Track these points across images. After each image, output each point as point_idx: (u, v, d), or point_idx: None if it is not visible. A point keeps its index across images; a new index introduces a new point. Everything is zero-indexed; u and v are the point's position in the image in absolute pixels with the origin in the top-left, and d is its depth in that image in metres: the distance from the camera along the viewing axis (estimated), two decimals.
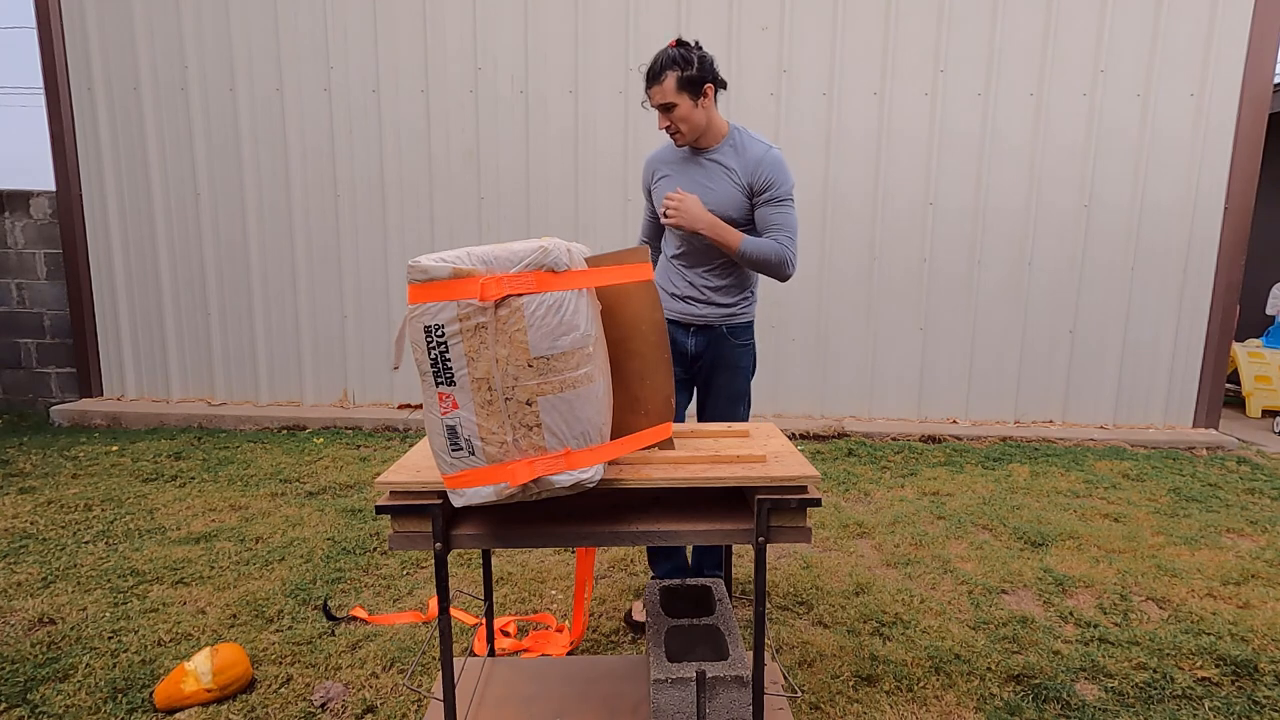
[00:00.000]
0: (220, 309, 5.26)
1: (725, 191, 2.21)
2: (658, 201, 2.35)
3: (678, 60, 2.13)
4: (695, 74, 2.14)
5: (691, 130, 2.20)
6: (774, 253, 2.19)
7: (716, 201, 2.21)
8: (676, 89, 2.14)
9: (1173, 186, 4.93)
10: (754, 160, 2.19)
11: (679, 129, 2.20)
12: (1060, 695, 2.06)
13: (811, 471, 1.44)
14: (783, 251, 2.19)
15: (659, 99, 2.18)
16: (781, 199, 2.20)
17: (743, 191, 2.21)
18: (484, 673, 1.91)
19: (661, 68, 2.15)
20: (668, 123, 2.20)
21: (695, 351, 2.36)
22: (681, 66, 2.13)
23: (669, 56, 2.14)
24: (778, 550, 3.05)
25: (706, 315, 2.34)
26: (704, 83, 2.15)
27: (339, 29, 4.97)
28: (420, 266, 1.24)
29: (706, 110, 2.20)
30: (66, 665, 2.16)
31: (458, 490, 1.32)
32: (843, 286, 5.10)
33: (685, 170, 2.29)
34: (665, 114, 2.19)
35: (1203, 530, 3.32)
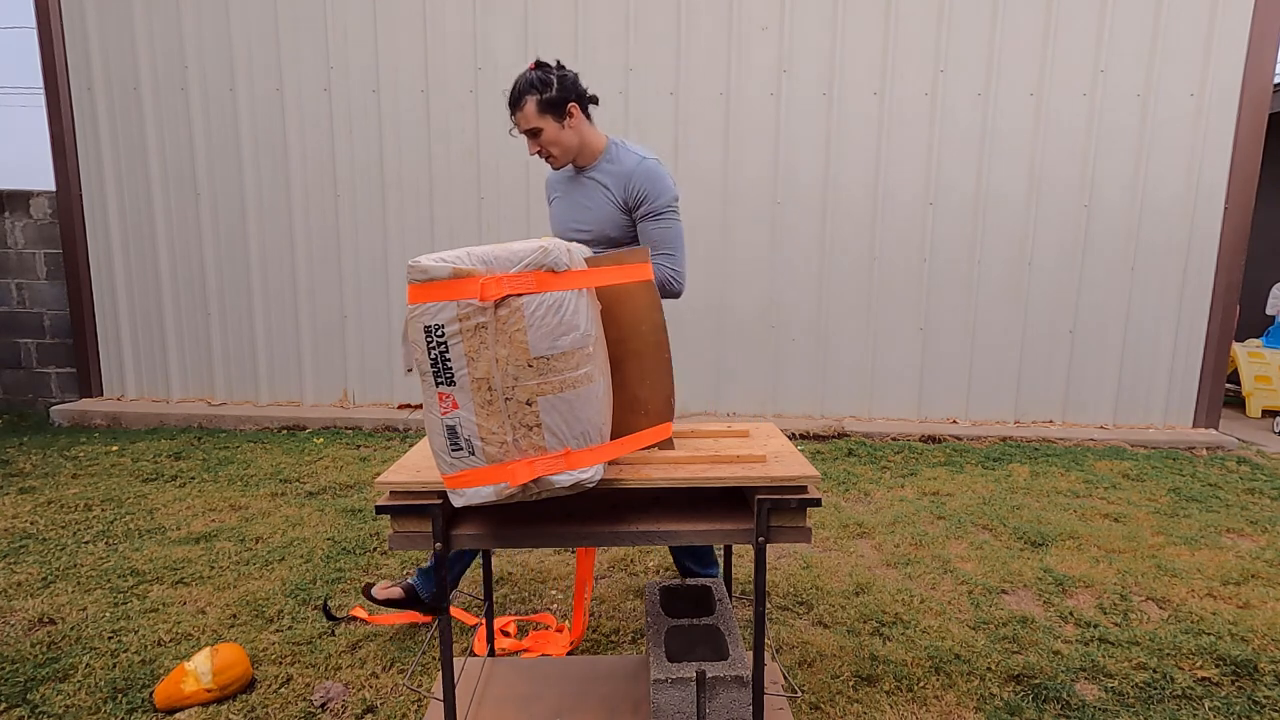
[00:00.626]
0: (220, 309, 5.26)
1: (603, 210, 2.15)
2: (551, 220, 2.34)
3: (535, 84, 2.08)
4: (555, 95, 2.08)
5: (564, 152, 2.15)
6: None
7: (595, 220, 2.16)
8: (538, 113, 2.09)
9: (1173, 186, 4.93)
10: (626, 174, 2.12)
11: (549, 152, 2.15)
12: (1060, 695, 2.06)
13: (811, 471, 1.44)
14: (660, 274, 2.10)
15: (523, 125, 2.12)
16: (658, 213, 2.11)
17: (619, 208, 2.13)
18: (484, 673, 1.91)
19: (520, 93, 2.09)
20: (535, 149, 2.15)
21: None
22: (540, 89, 2.08)
23: (527, 80, 2.08)
24: (778, 550, 3.05)
25: None
26: (566, 103, 2.09)
27: (339, 29, 4.97)
28: (420, 266, 1.24)
29: (576, 130, 2.14)
30: (66, 665, 2.16)
31: (458, 490, 1.32)
32: (843, 286, 5.10)
33: (570, 191, 2.25)
34: (533, 140, 2.14)
35: (1203, 530, 3.32)
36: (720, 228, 5.06)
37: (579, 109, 2.13)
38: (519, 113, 2.11)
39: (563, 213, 2.26)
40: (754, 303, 5.12)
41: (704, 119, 4.97)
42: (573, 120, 2.12)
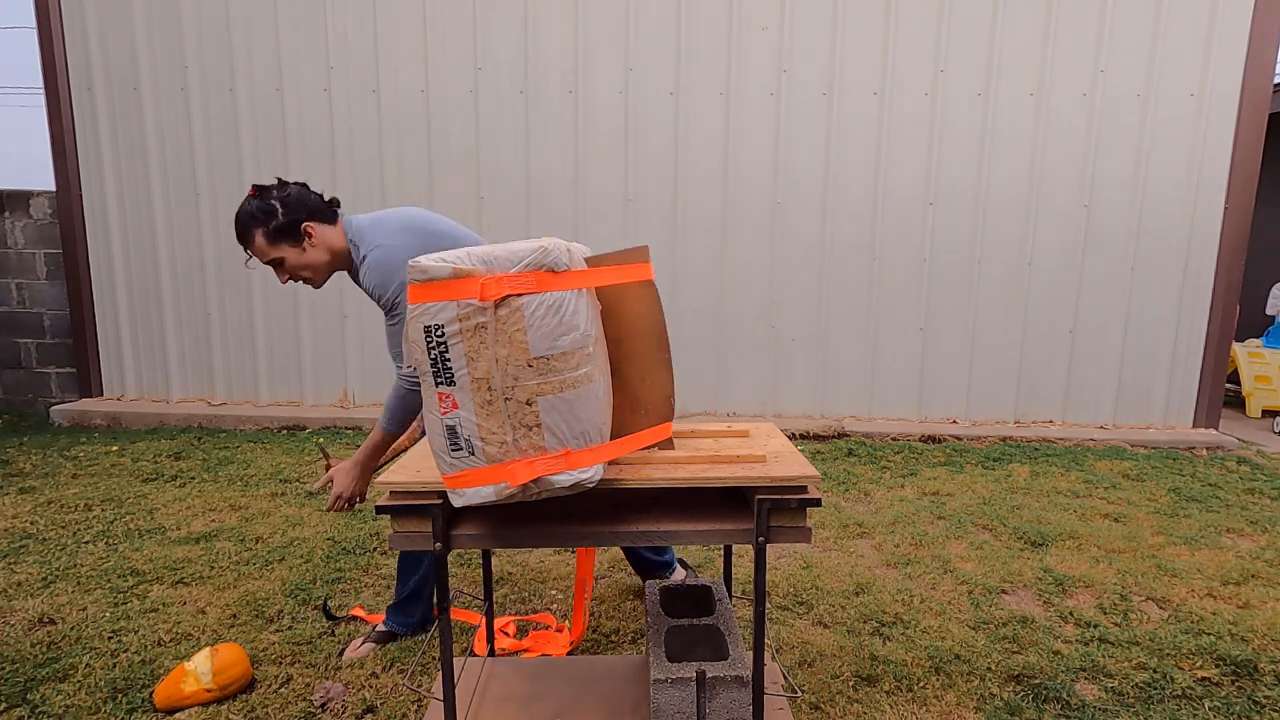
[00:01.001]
0: (220, 309, 5.26)
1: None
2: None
3: (258, 214, 1.93)
4: (284, 221, 1.93)
5: (317, 272, 2.00)
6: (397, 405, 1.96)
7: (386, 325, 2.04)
8: (270, 244, 1.94)
9: (1173, 186, 4.93)
10: (361, 273, 1.97)
11: (302, 277, 2.00)
12: (1060, 695, 2.05)
13: (811, 471, 1.44)
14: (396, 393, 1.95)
15: (261, 258, 1.98)
16: (387, 310, 1.96)
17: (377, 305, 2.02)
18: (484, 673, 1.91)
19: (244, 228, 1.94)
20: (284, 278, 2.01)
21: None
22: (264, 219, 1.93)
23: (247, 213, 1.93)
24: (778, 550, 3.05)
25: None
26: (298, 224, 1.94)
27: (339, 29, 4.96)
28: (420, 266, 1.24)
29: (321, 246, 1.98)
30: (66, 665, 2.16)
31: (458, 490, 1.32)
32: (843, 286, 5.10)
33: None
34: (279, 270, 1.99)
35: (1203, 530, 3.32)
36: (720, 228, 5.06)
37: (316, 225, 1.97)
38: (250, 247, 1.97)
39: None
40: (754, 303, 5.12)
41: (704, 119, 4.97)
42: (313, 239, 1.97)
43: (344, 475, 2.05)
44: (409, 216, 2.07)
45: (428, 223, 2.07)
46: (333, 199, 2.05)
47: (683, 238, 5.08)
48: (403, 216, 2.07)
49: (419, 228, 2.04)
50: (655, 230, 5.06)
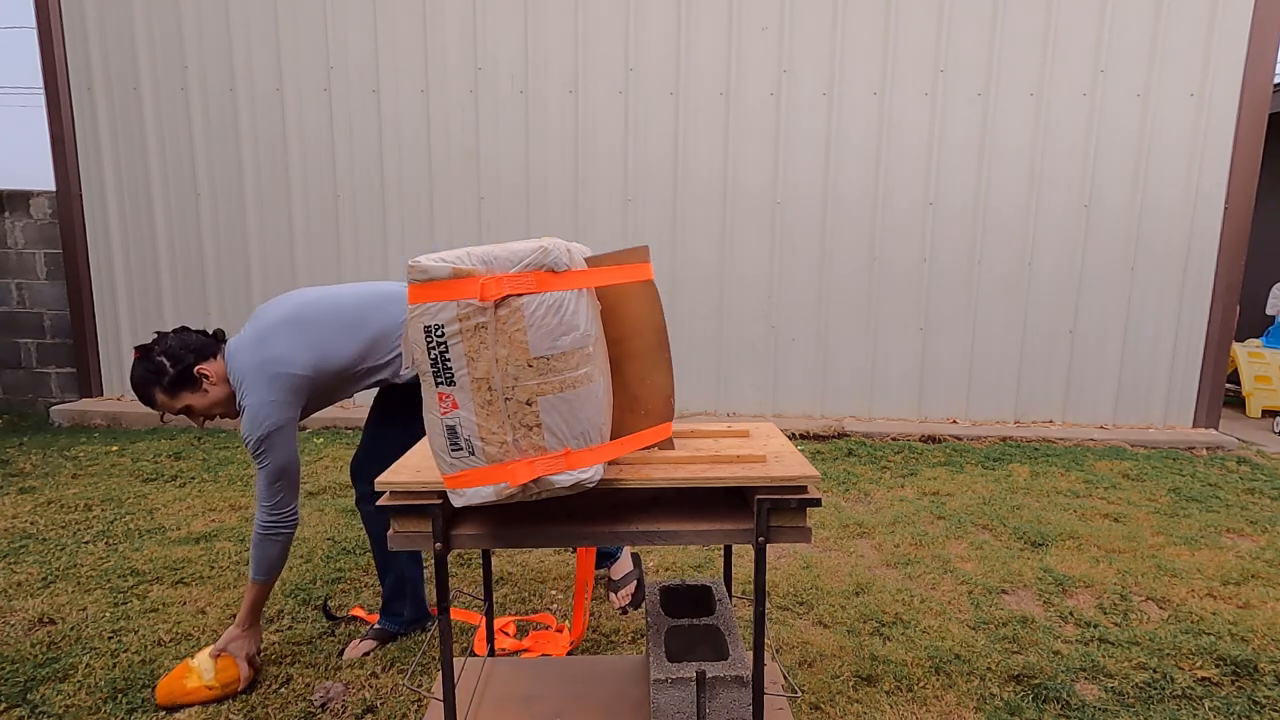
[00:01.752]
0: (220, 309, 5.26)
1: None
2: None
3: (149, 375, 1.96)
4: (174, 374, 1.97)
5: (226, 408, 2.03)
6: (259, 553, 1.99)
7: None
8: (172, 398, 1.99)
9: (1173, 186, 4.93)
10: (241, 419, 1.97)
11: (214, 416, 2.04)
12: (1060, 695, 2.05)
13: (811, 471, 1.44)
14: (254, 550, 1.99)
15: (170, 412, 2.03)
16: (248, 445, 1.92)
17: None
18: (484, 673, 1.91)
19: (143, 391, 1.98)
20: (198, 421, 2.06)
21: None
22: (156, 377, 1.96)
23: (140, 376, 1.97)
24: (778, 550, 3.05)
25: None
26: (190, 370, 1.97)
27: (339, 29, 4.97)
28: (420, 266, 1.24)
29: (220, 380, 2.00)
30: (66, 665, 2.16)
31: (458, 490, 1.32)
32: (843, 286, 5.10)
33: None
34: (191, 417, 2.05)
35: (1203, 530, 3.32)
36: (720, 228, 5.06)
37: (208, 365, 1.99)
38: (155, 406, 2.00)
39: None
40: (754, 303, 5.12)
41: (704, 119, 4.97)
42: (210, 379, 2.00)
43: (241, 641, 2.05)
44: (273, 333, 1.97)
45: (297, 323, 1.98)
46: (216, 331, 2.09)
47: (683, 238, 5.08)
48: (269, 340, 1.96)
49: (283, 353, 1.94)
50: (655, 230, 5.06)
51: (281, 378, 1.91)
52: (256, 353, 1.94)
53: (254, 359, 1.93)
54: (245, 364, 1.94)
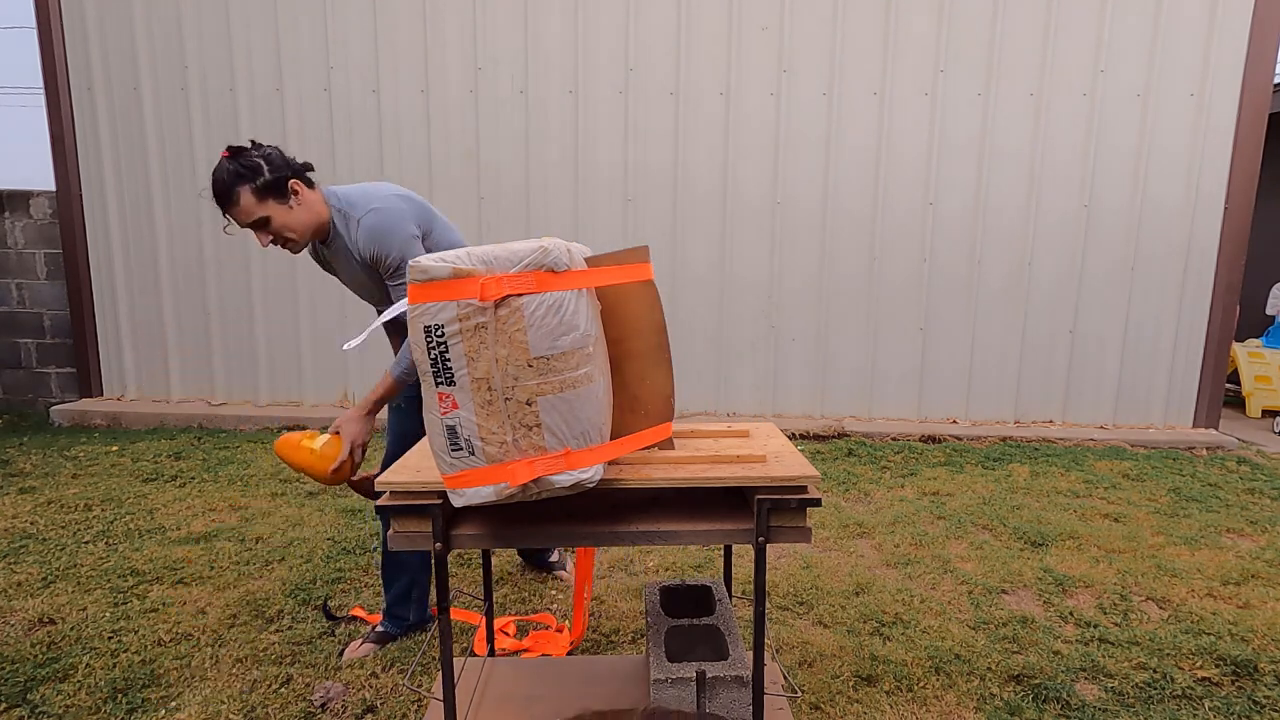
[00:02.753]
0: (220, 309, 5.26)
1: (358, 274, 2.07)
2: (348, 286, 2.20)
3: (243, 171, 1.88)
4: (270, 178, 1.90)
5: (302, 233, 1.98)
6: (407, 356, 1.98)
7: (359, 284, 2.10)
8: (258, 201, 1.90)
9: (1173, 186, 4.93)
10: (357, 239, 1.99)
11: (286, 239, 1.97)
12: (1060, 695, 2.05)
13: (811, 471, 1.44)
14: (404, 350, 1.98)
15: (245, 219, 1.92)
16: (390, 270, 1.98)
17: (366, 269, 2.04)
18: (484, 673, 1.91)
19: (228, 186, 1.89)
20: (266, 242, 1.96)
21: None
22: (250, 176, 1.89)
23: (231, 171, 1.89)
24: (778, 550, 3.05)
25: None
26: (286, 181, 1.93)
27: (339, 29, 4.96)
28: (420, 266, 1.24)
29: (307, 206, 1.97)
30: (66, 665, 2.16)
31: (458, 490, 1.32)
32: (843, 286, 5.10)
33: (334, 257, 2.11)
34: (261, 231, 1.95)
35: (1203, 530, 3.32)
36: (720, 228, 5.06)
37: (302, 184, 1.96)
38: (234, 207, 1.91)
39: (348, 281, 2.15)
40: (754, 303, 5.12)
41: (704, 119, 4.97)
42: (299, 198, 1.96)
43: (353, 424, 2.03)
44: (398, 188, 2.10)
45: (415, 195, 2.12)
46: (306, 163, 2.02)
47: (683, 238, 5.08)
48: (392, 186, 2.10)
49: (410, 197, 2.08)
50: (655, 230, 5.06)
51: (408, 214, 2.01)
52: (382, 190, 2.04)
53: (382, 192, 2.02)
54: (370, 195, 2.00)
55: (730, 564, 2.04)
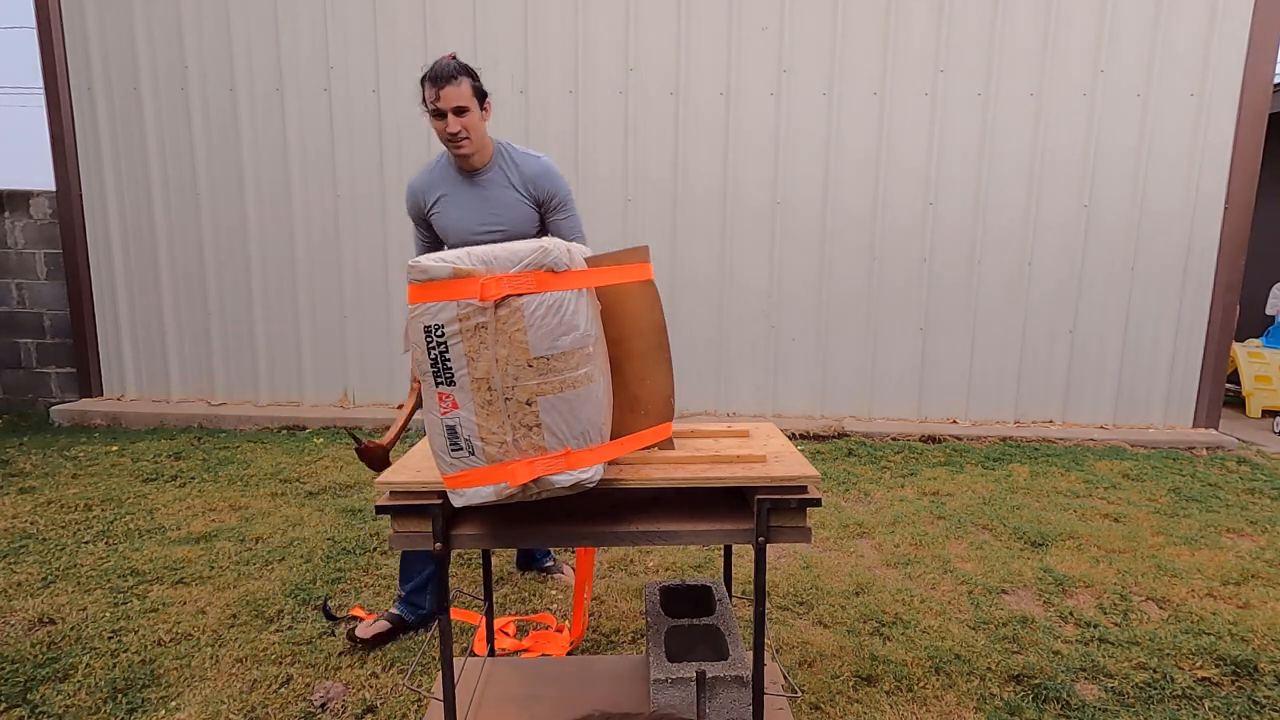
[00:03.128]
0: (220, 309, 5.26)
1: (516, 209, 2.24)
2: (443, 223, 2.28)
3: (468, 68, 2.12)
4: (481, 85, 2.14)
5: (476, 140, 2.16)
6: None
7: (509, 220, 2.23)
8: (471, 94, 2.10)
9: (1173, 186, 4.93)
10: (532, 175, 2.23)
11: (467, 136, 2.13)
12: (1060, 695, 2.06)
13: (811, 471, 1.44)
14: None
15: (454, 100, 2.08)
16: (565, 203, 2.29)
17: (531, 206, 2.25)
18: (484, 673, 1.91)
19: (459, 70, 2.09)
20: (457, 127, 2.10)
21: None
22: (472, 75, 2.12)
23: (458, 64, 2.10)
24: (778, 550, 3.05)
25: None
26: (486, 96, 2.17)
27: (339, 29, 4.96)
28: (420, 266, 1.24)
29: (486, 126, 2.20)
30: (66, 665, 2.16)
31: (458, 490, 1.32)
32: (843, 286, 5.10)
33: (465, 193, 2.25)
34: (458, 117, 2.10)
35: (1203, 530, 3.32)
36: (720, 228, 5.06)
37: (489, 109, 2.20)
38: (452, 87, 2.07)
39: (463, 214, 2.24)
40: (754, 303, 5.12)
41: (704, 119, 4.97)
42: (487, 115, 2.18)
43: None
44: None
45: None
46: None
47: (683, 238, 5.08)
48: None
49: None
50: (655, 230, 5.06)
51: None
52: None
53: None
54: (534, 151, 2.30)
55: (730, 564, 2.04)
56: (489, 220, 2.23)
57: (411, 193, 2.33)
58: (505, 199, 2.23)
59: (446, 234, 2.30)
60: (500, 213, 2.23)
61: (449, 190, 2.26)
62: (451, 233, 2.28)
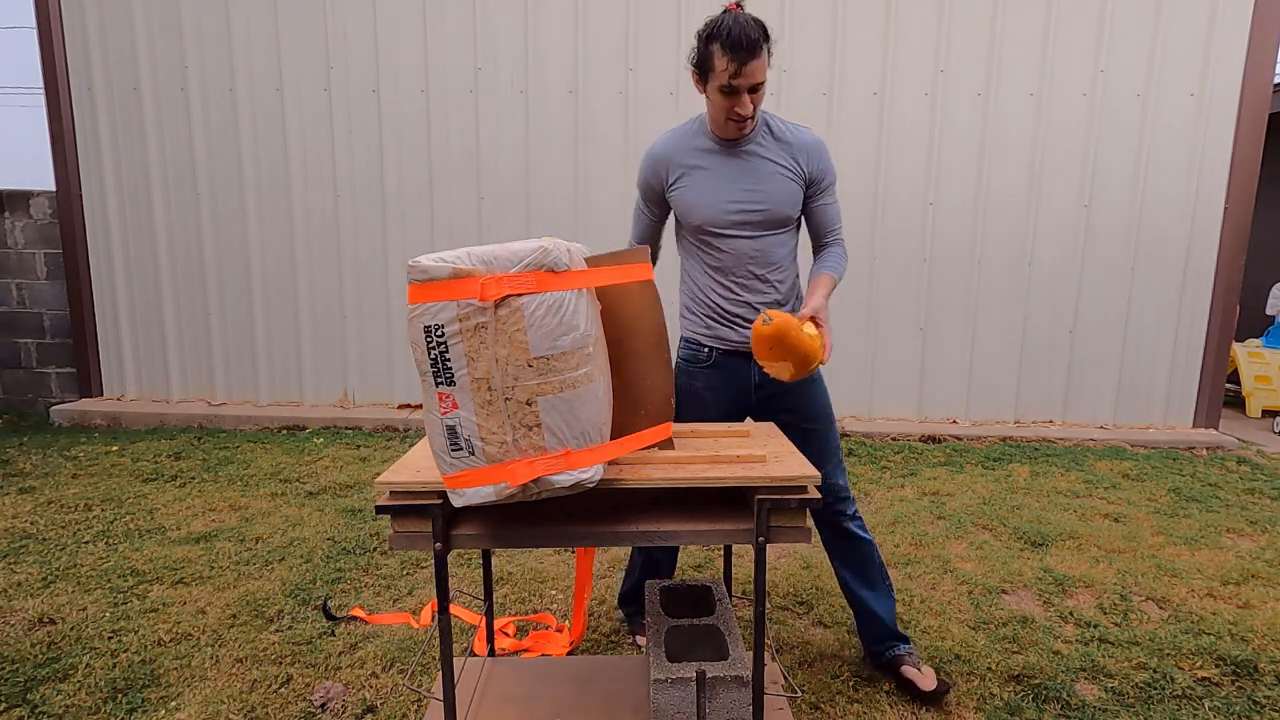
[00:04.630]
0: (220, 309, 5.26)
1: (781, 187, 1.92)
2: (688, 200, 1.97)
3: (766, 30, 1.74)
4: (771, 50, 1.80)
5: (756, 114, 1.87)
6: (845, 263, 2.03)
7: (775, 200, 1.92)
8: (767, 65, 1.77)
9: (1173, 186, 4.93)
10: (804, 147, 1.94)
11: (749, 114, 1.82)
12: (1060, 695, 2.06)
13: (812, 471, 1.44)
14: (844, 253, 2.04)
15: (756, 76, 1.74)
16: (833, 185, 2.01)
17: (799, 184, 1.95)
18: (484, 673, 1.91)
19: (762, 38, 1.73)
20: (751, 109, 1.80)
21: (760, 380, 2.02)
22: (768, 39, 1.76)
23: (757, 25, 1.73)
24: (778, 550, 3.05)
25: None
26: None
27: (339, 29, 4.96)
28: (420, 266, 1.24)
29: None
30: (66, 665, 2.16)
31: (458, 490, 1.32)
32: (842, 286, 5.08)
33: (721, 165, 1.93)
34: (752, 95, 1.79)
35: (1203, 530, 3.32)
36: None
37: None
38: (755, 61, 1.72)
39: (717, 187, 1.93)
40: None
41: None
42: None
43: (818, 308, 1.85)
44: None
45: None
46: None
47: None
48: None
49: None
50: None
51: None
52: None
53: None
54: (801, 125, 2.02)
55: (730, 564, 2.04)
56: (747, 195, 1.92)
57: (651, 162, 2.04)
58: (769, 176, 1.92)
59: (690, 213, 1.97)
60: (761, 186, 1.91)
61: (700, 163, 1.95)
62: (698, 211, 1.95)
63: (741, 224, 1.94)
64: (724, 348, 2.03)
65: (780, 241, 1.99)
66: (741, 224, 1.94)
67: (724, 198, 1.93)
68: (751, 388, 2.04)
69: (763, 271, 1.98)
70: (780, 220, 1.96)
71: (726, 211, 1.93)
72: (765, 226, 1.95)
